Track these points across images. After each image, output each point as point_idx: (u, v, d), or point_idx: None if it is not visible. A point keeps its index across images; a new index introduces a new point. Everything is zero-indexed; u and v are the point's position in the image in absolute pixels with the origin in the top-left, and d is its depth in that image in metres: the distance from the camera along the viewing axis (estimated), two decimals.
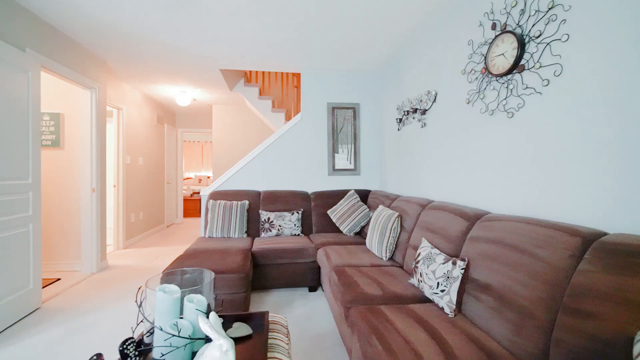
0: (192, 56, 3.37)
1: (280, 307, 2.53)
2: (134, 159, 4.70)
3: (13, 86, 2.24)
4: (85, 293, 2.79)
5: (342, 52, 3.24)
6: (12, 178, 2.24)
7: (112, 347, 1.94)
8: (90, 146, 3.31)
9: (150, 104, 5.26)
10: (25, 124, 2.35)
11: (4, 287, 2.16)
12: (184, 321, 1.16)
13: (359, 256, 2.44)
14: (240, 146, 5.85)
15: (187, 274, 1.37)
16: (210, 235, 3.14)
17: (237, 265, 2.29)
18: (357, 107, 3.83)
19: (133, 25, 2.67)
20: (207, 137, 9.07)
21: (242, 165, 3.69)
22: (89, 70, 3.25)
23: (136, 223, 4.79)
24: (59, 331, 2.13)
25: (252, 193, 3.50)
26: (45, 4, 2.35)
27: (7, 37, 2.26)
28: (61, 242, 3.44)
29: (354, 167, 3.83)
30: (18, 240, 2.29)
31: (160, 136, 5.78)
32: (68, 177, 3.45)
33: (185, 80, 4.26)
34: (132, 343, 0.96)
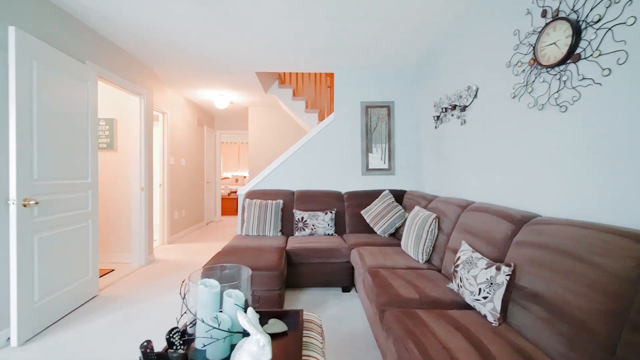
0: (230, 61, 3.51)
1: (314, 306, 2.55)
2: (177, 160, 5.00)
3: (75, 95, 2.49)
4: (136, 284, 3.03)
5: (376, 50, 3.18)
6: (75, 178, 2.49)
7: (159, 334, 2.08)
8: (139, 148, 3.59)
9: (191, 107, 5.57)
10: (85, 129, 2.60)
11: (69, 275, 2.41)
12: (224, 315, 1.21)
13: (393, 258, 2.39)
14: (275, 147, 5.99)
15: (226, 269, 1.42)
16: (246, 233, 3.25)
17: (273, 263, 2.35)
18: (391, 105, 3.75)
19: (178, 37, 2.85)
20: (243, 138, 9.41)
21: (276, 165, 3.78)
22: (138, 78, 3.53)
23: (179, 220, 5.10)
24: (113, 317, 2.33)
25: (286, 192, 3.57)
26: (103, 21, 2.58)
27: (70, 51, 2.51)
28: (114, 237, 3.76)
29: (388, 167, 3.75)
30: (80, 234, 2.54)
31: (200, 138, 6.10)
32: (120, 177, 3.76)
33: (223, 84, 4.45)
34: (177, 332, 1.02)
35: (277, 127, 6.00)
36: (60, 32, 2.41)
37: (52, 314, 2.23)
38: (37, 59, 2.10)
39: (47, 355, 1.85)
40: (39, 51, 2.12)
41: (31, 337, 2.04)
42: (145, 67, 3.70)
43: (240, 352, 0.99)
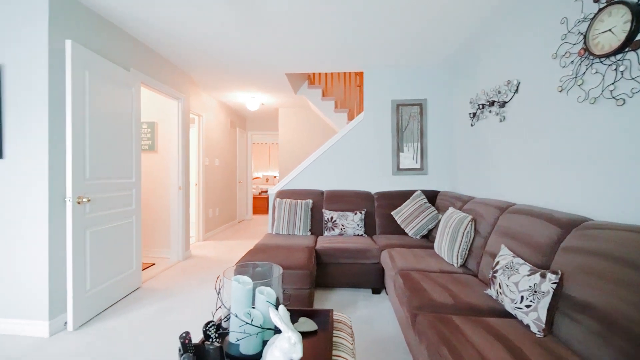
0: (261, 64, 3.60)
1: (343, 306, 2.54)
2: (212, 160, 5.22)
3: (121, 100, 2.68)
4: (174, 278, 3.20)
5: (407, 47, 3.10)
6: (121, 177, 2.69)
7: (195, 326, 2.19)
8: (177, 149, 3.79)
9: (224, 110, 5.78)
10: (129, 132, 2.80)
11: (117, 267, 2.60)
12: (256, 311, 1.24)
13: (426, 261, 2.31)
14: (304, 147, 6.04)
15: (258, 267, 1.46)
16: (277, 232, 3.31)
17: (303, 262, 2.37)
18: (423, 103, 3.63)
19: (213, 43, 2.97)
20: (273, 139, 9.60)
21: (306, 165, 3.81)
22: (176, 83, 3.73)
23: (213, 218, 5.32)
24: (154, 308, 2.48)
25: (316, 192, 3.59)
26: (146, 31, 2.76)
27: (117, 60, 2.71)
28: (155, 232, 4.00)
29: (421, 167, 3.63)
30: (125, 229, 2.74)
31: (233, 139, 6.32)
32: (160, 177, 4.00)
33: (255, 86, 4.58)
34: (213, 326, 1.06)
35: (306, 128, 6.06)
36: (108, 43, 2.62)
37: (102, 303, 2.42)
38: (89, 68, 2.29)
39: (98, 339, 2.02)
40: (90, 61, 2.31)
41: (84, 322, 2.23)
42: (183, 73, 3.90)
43: (272, 348, 1.01)
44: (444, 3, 2.32)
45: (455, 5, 2.35)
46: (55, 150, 2.13)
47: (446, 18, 2.53)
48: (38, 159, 2.08)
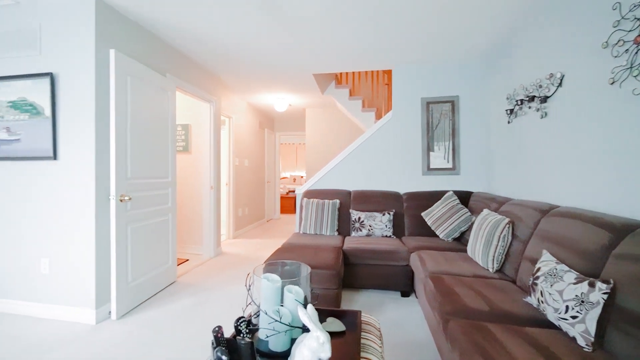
0: (289, 65, 3.65)
1: (371, 308, 2.50)
2: (241, 161, 5.38)
3: (158, 104, 2.84)
4: (206, 273, 3.34)
5: (438, 43, 2.99)
6: (158, 177, 2.84)
7: (226, 320, 2.26)
8: (209, 150, 3.94)
9: (253, 111, 5.93)
10: (165, 134, 2.95)
11: (154, 261, 2.76)
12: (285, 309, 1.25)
13: (458, 264, 2.21)
14: (331, 147, 6.04)
15: (286, 265, 1.48)
16: (304, 232, 3.34)
17: (330, 262, 2.37)
18: (455, 100, 3.49)
19: (243, 47, 3.05)
20: (301, 140, 9.71)
21: (333, 165, 3.81)
22: (208, 87, 3.88)
23: (242, 217, 5.47)
24: (188, 302, 2.60)
25: (343, 192, 3.57)
26: (180, 38, 2.89)
27: (154, 66, 2.87)
28: (188, 230, 4.19)
29: (452, 166, 3.50)
30: (161, 226, 2.89)
31: (261, 140, 6.46)
32: (193, 177, 4.19)
33: (283, 87, 4.65)
34: (244, 321, 1.09)
35: (333, 128, 6.05)
36: (146, 50, 2.78)
37: (141, 295, 2.57)
38: (130, 75, 2.45)
39: (138, 328, 2.15)
40: (131, 68, 2.46)
41: (126, 312, 2.39)
42: (214, 76, 4.05)
43: (301, 346, 1.01)
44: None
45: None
46: (101, 151, 2.30)
47: (482, 10, 2.41)
48: (86, 160, 2.26)
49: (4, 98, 2.35)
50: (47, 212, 2.32)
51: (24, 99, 2.31)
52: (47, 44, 2.30)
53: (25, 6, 2.33)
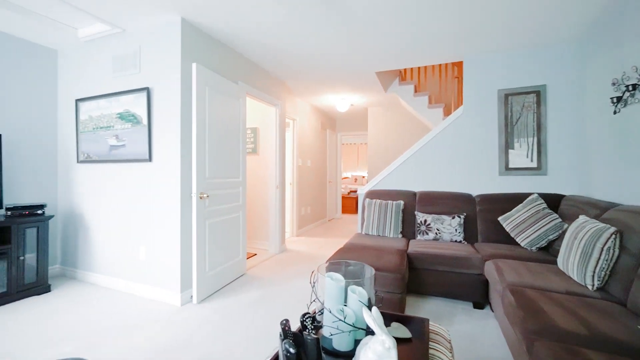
0: (351, 65, 3.64)
1: (438, 317, 2.34)
2: (304, 161, 5.56)
3: (230, 110, 3.09)
4: (272, 268, 3.53)
5: (519, 27, 2.65)
6: (231, 177, 3.10)
7: (290, 314, 2.35)
8: (275, 152, 4.16)
9: (315, 113, 6.08)
10: (237, 137, 3.21)
11: (228, 254, 3.02)
12: (348, 309, 1.24)
13: (546, 277, 1.93)
14: (394, 146, 5.85)
15: (350, 266, 1.47)
16: (366, 232, 3.29)
17: (394, 264, 2.28)
18: (541, 90, 3.06)
19: (306, 51, 3.15)
20: (362, 139, 9.63)
21: (397, 165, 3.67)
22: (274, 91, 4.10)
23: (305, 216, 5.65)
24: (257, 293, 2.78)
25: (407, 193, 3.42)
26: (250, 47, 3.12)
27: (228, 75, 3.14)
28: (255, 226, 4.49)
29: (537, 165, 3.07)
30: (233, 222, 3.15)
31: (323, 140, 6.58)
32: (260, 177, 4.46)
33: (344, 87, 4.66)
34: (309, 317, 1.11)
35: (396, 126, 5.85)
36: (221, 61, 3.05)
37: (216, 284, 2.84)
38: (208, 85, 2.72)
39: (214, 313, 2.37)
40: (209, 79, 2.74)
41: (204, 298, 2.66)
42: (279, 81, 4.26)
43: (366, 349, 0.99)
44: None
45: None
46: (185, 154, 2.61)
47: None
48: (173, 162, 2.58)
49: (114, 110, 2.83)
50: (145, 207, 2.72)
51: (128, 110, 2.75)
52: (144, 63, 2.70)
53: (130, 33, 2.77)
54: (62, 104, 3.23)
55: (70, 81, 3.15)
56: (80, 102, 3.03)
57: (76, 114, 3.05)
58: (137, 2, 2.30)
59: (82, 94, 3.05)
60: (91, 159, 2.98)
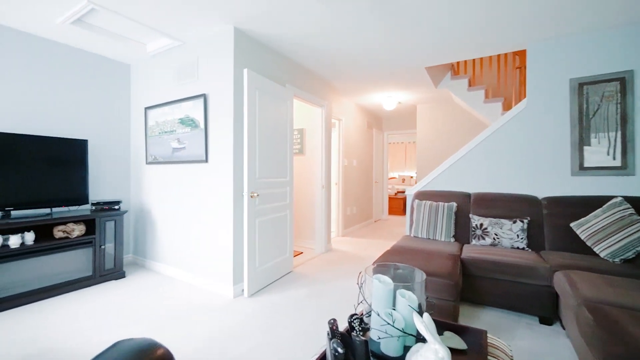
0: (398, 62, 3.52)
1: (497, 330, 2.15)
2: (350, 161, 5.52)
3: (278, 112, 3.19)
4: (318, 267, 3.56)
5: (594, 4, 2.32)
6: (279, 177, 3.20)
7: (337, 314, 2.35)
8: (321, 152, 4.19)
9: (361, 112, 6.00)
10: (284, 138, 3.30)
11: (276, 251, 3.12)
12: (397, 313, 1.20)
13: (634, 295, 1.66)
14: (445, 145, 5.53)
15: (399, 269, 1.41)
16: (415, 235, 3.15)
17: (446, 270, 2.15)
18: (627, 76, 2.64)
19: (352, 50, 3.12)
20: (410, 138, 9.28)
21: (449, 164, 3.46)
22: (320, 92, 4.14)
23: (351, 216, 5.61)
24: (304, 291, 2.82)
25: (461, 195, 3.20)
26: (297, 50, 3.18)
27: (276, 78, 3.25)
28: (302, 225, 4.57)
29: (621, 164, 2.65)
30: (281, 221, 3.24)
31: (369, 140, 6.47)
32: (306, 177, 4.54)
33: (392, 85, 4.53)
34: (357, 319, 1.09)
35: (447, 124, 5.52)
36: (270, 65, 3.16)
37: (265, 279, 2.95)
38: (258, 89, 2.84)
39: (263, 307, 2.47)
40: (259, 83, 2.85)
41: (254, 292, 2.78)
42: (325, 82, 4.29)
43: (417, 356, 0.94)
44: None
45: None
46: (237, 155, 2.75)
47: None
48: (227, 162, 2.74)
49: (176, 116, 3.10)
50: (201, 204, 2.94)
51: (188, 115, 2.99)
52: (202, 71, 2.91)
53: (189, 45, 3.01)
54: (134, 112, 3.64)
55: (140, 91, 3.53)
56: (148, 110, 3.38)
57: (145, 121, 3.41)
58: (196, 15, 2.49)
59: (150, 102, 3.40)
60: (157, 160, 3.31)
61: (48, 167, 2.78)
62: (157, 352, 0.88)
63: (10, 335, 2.04)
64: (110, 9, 2.40)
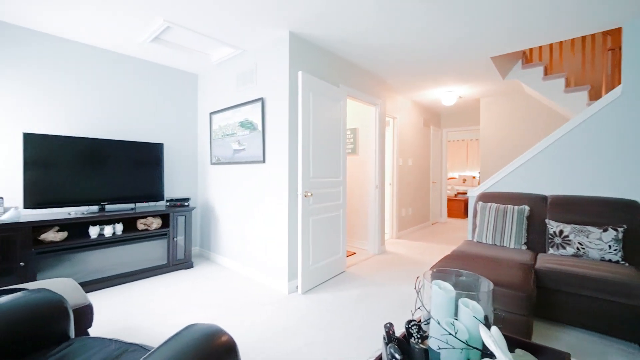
0: (460, 54, 3.26)
1: (582, 354, 1.85)
2: (405, 161, 5.31)
3: (332, 112, 3.20)
4: (372, 268, 3.49)
5: None
6: (332, 176, 3.21)
7: (392, 318, 2.26)
8: (374, 151, 4.10)
9: (417, 109, 5.73)
10: (338, 138, 3.29)
11: (329, 250, 3.14)
12: (460, 324, 1.11)
13: None
14: (514, 142, 4.99)
15: (462, 276, 1.30)
16: (478, 240, 2.89)
17: (517, 281, 1.93)
18: None
19: (408, 45, 2.98)
20: (472, 135, 8.59)
21: (520, 163, 3.11)
22: (374, 90, 4.05)
23: (406, 217, 5.39)
24: (357, 292, 2.79)
25: (534, 197, 2.85)
26: (350, 49, 3.16)
27: (330, 79, 3.27)
28: (355, 226, 4.52)
29: None
30: (334, 220, 3.25)
31: (426, 138, 6.15)
32: (360, 177, 4.48)
33: (451, 79, 4.23)
34: (415, 325, 1.03)
35: (517, 118, 4.97)
36: (323, 66, 3.19)
37: (318, 278, 2.98)
38: (312, 90, 2.89)
39: (316, 305, 2.49)
40: (313, 85, 2.90)
41: (308, 290, 2.83)
42: (379, 79, 4.18)
43: None
44: None
45: None
46: (292, 155, 2.83)
47: None
48: (282, 163, 2.84)
49: (236, 120, 3.31)
50: (258, 202, 3.09)
51: (247, 119, 3.17)
52: (259, 76, 3.06)
53: (248, 52, 3.19)
54: (200, 117, 3.99)
55: (206, 98, 3.86)
56: (213, 115, 3.67)
57: (210, 125, 3.72)
58: (255, 23, 2.63)
59: (214, 107, 3.70)
60: (220, 161, 3.58)
61: (132, 167, 3.20)
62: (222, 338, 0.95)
63: (105, 311, 2.39)
64: (182, 26, 2.67)
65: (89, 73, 3.13)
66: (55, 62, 2.91)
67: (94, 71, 3.17)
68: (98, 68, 3.18)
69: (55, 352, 1.13)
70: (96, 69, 3.17)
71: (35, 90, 2.81)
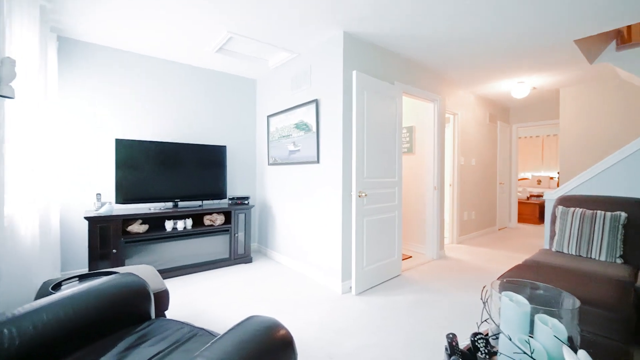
0: (535, 39, 2.90)
1: None
2: (467, 160, 4.92)
3: (387, 111, 3.11)
4: (430, 274, 3.30)
5: None
6: (387, 177, 3.12)
7: (452, 328, 2.11)
8: (433, 150, 3.88)
9: (482, 103, 5.26)
10: (393, 137, 3.19)
11: (383, 253, 3.06)
12: (536, 343, 0.98)
13: None
14: (602, 136, 4.29)
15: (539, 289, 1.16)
16: (558, 250, 2.54)
17: (610, 299, 1.64)
18: None
19: (470, 35, 2.75)
20: (548, 130, 7.61)
21: (615, 160, 2.65)
22: (432, 86, 3.83)
23: (468, 221, 4.99)
24: (413, 298, 2.67)
25: (631, 201, 2.40)
26: (405, 43, 3.03)
27: (383, 76, 3.18)
28: (411, 228, 4.33)
29: None
30: (389, 222, 3.15)
31: (493, 135, 5.61)
32: (417, 177, 4.28)
33: (524, 68, 3.79)
34: (482, 339, 0.94)
35: (609, 108, 4.26)
36: (377, 64, 3.12)
37: (372, 280, 2.92)
38: (366, 89, 2.84)
39: (370, 307, 2.45)
40: (367, 83, 2.85)
41: (361, 291, 2.79)
42: (438, 74, 3.94)
43: None
44: None
45: None
46: (345, 155, 2.82)
47: None
48: (336, 163, 2.85)
49: (292, 122, 3.42)
50: (313, 202, 3.15)
51: (302, 120, 3.26)
52: (314, 78, 3.12)
53: (303, 55, 3.27)
54: (258, 120, 4.21)
55: (263, 102, 4.06)
56: (270, 117, 3.85)
57: (267, 127, 3.90)
58: (310, 25, 2.68)
59: (271, 110, 3.87)
60: (276, 162, 3.73)
61: (200, 168, 3.52)
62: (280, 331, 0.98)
63: (177, 298, 2.66)
64: (244, 35, 2.85)
65: (167, 84, 3.54)
66: (138, 75, 3.36)
67: (170, 82, 3.57)
68: (172, 79, 3.58)
69: (140, 329, 1.29)
70: (171, 80, 3.57)
71: (123, 102, 3.27)
